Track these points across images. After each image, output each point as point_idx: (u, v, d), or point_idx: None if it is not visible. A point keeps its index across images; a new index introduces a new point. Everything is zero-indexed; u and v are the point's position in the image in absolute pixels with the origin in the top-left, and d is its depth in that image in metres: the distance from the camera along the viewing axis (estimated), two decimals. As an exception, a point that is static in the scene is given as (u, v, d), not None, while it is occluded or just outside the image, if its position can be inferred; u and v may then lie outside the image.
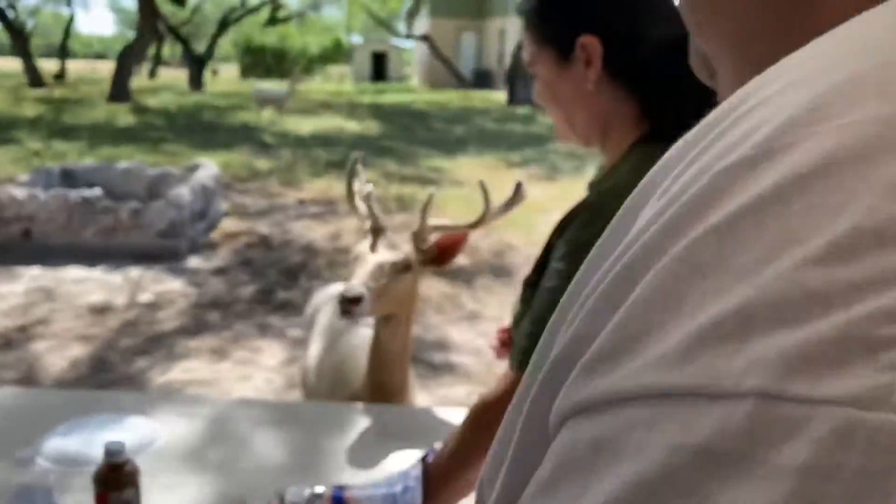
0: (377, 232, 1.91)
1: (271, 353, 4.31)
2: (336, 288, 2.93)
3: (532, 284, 1.13)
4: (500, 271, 5.96)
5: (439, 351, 4.42)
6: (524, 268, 6.29)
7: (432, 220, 1.89)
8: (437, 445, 1.21)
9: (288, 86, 13.62)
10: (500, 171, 10.66)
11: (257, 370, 4.09)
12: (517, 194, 1.94)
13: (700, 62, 0.43)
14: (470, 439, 1.13)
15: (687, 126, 1.10)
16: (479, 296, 5.42)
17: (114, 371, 4.01)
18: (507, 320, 1.45)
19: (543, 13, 1.12)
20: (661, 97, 1.09)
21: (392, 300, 1.81)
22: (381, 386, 1.90)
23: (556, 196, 8.97)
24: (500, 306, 5.22)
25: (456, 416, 1.78)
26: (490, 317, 5.05)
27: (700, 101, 1.04)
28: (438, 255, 1.90)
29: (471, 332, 4.79)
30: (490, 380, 4.07)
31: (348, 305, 1.71)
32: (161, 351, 4.27)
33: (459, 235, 1.90)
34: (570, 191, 9.33)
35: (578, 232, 1.04)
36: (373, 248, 1.87)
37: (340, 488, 1.13)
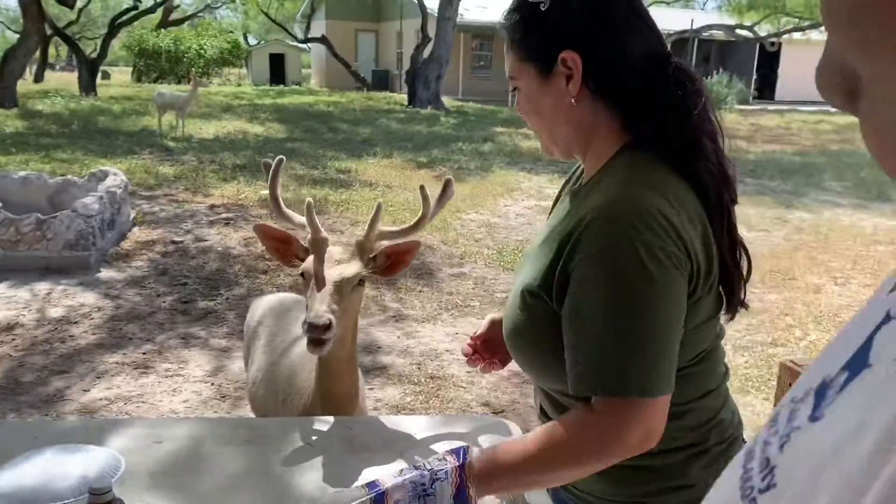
0: (319, 244, 1.77)
1: (197, 364, 4.22)
2: (275, 297, 2.91)
3: (534, 294, 1.14)
4: (420, 272, 6.01)
5: (368, 354, 4.43)
6: (443, 267, 6.33)
7: (378, 228, 1.86)
8: (481, 446, 1.21)
9: (189, 90, 13.18)
10: (409, 171, 10.72)
11: (185, 382, 4.00)
12: (446, 191, 1.96)
13: (837, 84, 0.39)
14: (536, 457, 1.10)
15: (668, 137, 1.19)
16: (401, 297, 5.46)
17: (29, 393, 3.83)
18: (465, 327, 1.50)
19: (526, 29, 1.15)
20: (641, 110, 1.14)
21: (350, 317, 1.77)
22: (332, 397, 1.87)
23: (466, 195, 9.10)
24: (422, 307, 5.28)
25: (415, 424, 1.80)
26: (414, 317, 5.10)
27: (679, 113, 1.13)
28: (391, 264, 1.89)
29: (396, 332, 4.82)
30: (423, 381, 4.12)
31: (319, 334, 1.61)
32: (79, 368, 4.11)
33: (412, 244, 1.88)
34: (480, 190, 9.50)
35: (601, 254, 1.04)
36: (319, 262, 1.74)
37: (372, 483, 1.13)
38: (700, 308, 1.13)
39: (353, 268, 1.77)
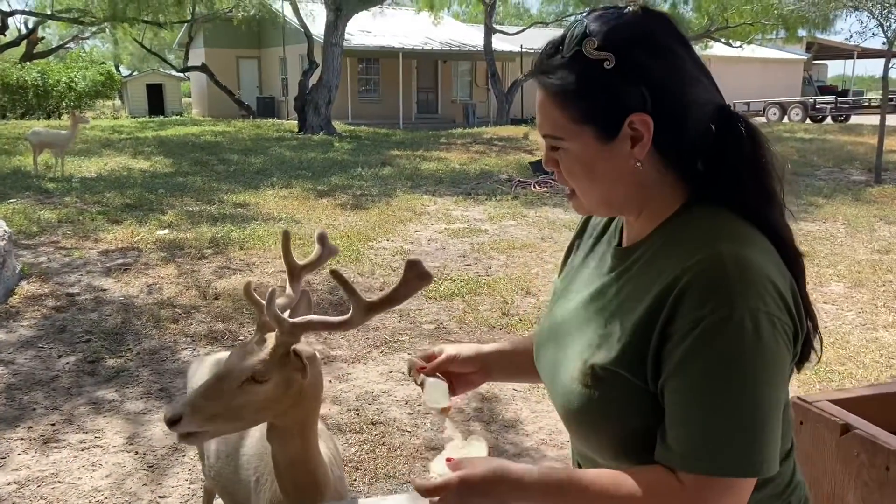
0: (259, 327, 1.62)
1: (115, 432, 3.84)
2: (216, 357, 2.65)
3: (609, 370, 1.05)
4: (340, 307, 5.77)
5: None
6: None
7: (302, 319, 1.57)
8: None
9: (69, 126, 12.39)
10: (311, 201, 10.45)
11: (104, 454, 3.62)
12: (325, 248, 1.81)
13: None
14: (593, 498, 1.03)
15: (744, 190, 1.09)
16: (325, 336, 5.20)
17: (-80, 482, 3.37)
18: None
19: (582, 87, 1.03)
20: (711, 164, 1.07)
21: (237, 416, 1.51)
22: (295, 490, 1.69)
23: (375, 223, 8.93)
24: (349, 346, 5.05)
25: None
26: (342, 358, 4.87)
27: (753, 165, 1.04)
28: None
29: (327, 377, 4.57)
30: (364, 427, 3.91)
31: (168, 427, 1.46)
32: (-24, 448, 3.66)
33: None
34: (388, 217, 9.34)
35: (713, 323, 0.94)
36: (240, 346, 1.59)
37: None
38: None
39: (245, 363, 1.53)
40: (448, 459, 1.13)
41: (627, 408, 1.04)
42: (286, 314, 1.58)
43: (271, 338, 1.56)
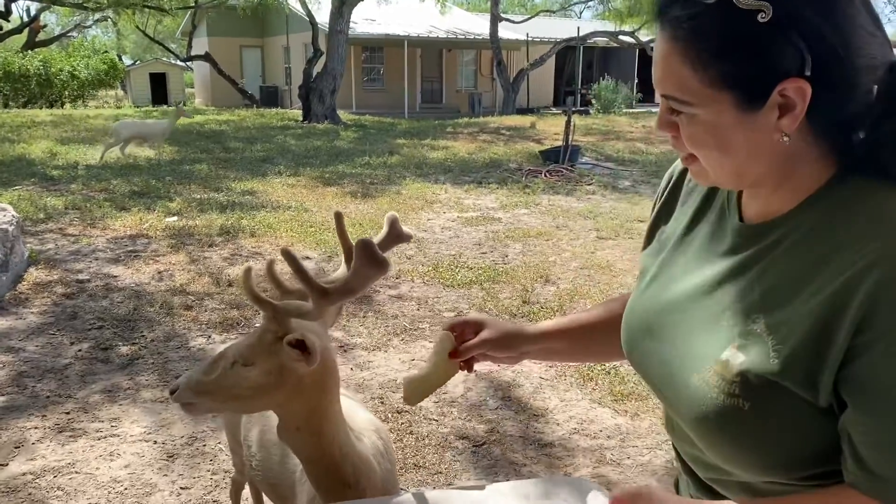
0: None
1: (132, 421, 3.71)
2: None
3: (767, 381, 0.87)
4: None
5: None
6: (380, 289, 6.01)
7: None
8: None
9: (170, 117, 12.42)
10: (319, 189, 10.29)
11: (122, 444, 3.49)
12: (392, 231, 1.58)
13: None
14: None
15: None
16: (344, 324, 5.07)
17: (-69, 471, 3.24)
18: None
19: (726, 44, 0.84)
20: (870, 134, 0.88)
21: (228, 398, 1.45)
22: (321, 486, 1.57)
23: (385, 211, 8.70)
24: (369, 334, 4.92)
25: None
26: (362, 346, 4.74)
27: None
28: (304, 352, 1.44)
29: (348, 364, 4.45)
30: (390, 416, 3.78)
31: (171, 397, 1.47)
32: (-11, 437, 3.53)
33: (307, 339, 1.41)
34: (399, 205, 9.19)
35: None
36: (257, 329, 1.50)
37: None
38: None
39: (238, 344, 1.46)
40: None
41: (788, 423, 0.87)
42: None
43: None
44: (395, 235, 1.58)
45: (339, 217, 1.58)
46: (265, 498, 2.45)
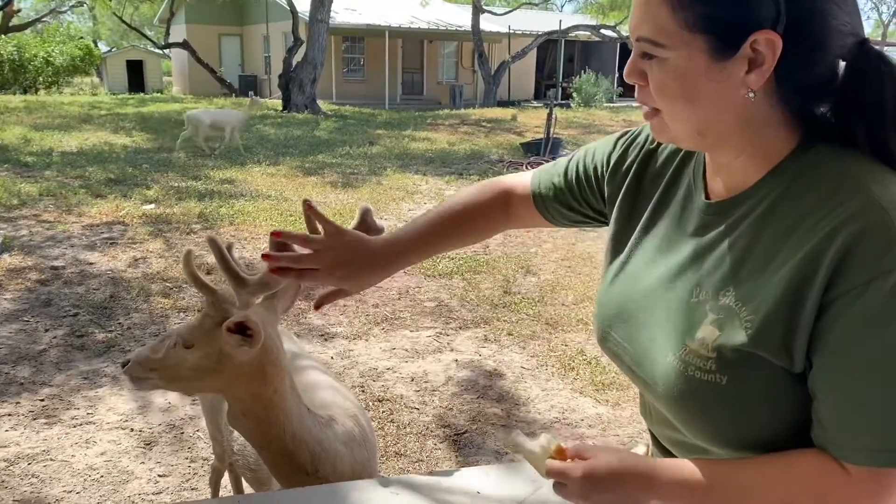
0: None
1: (108, 408, 3.65)
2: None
3: (741, 352, 0.86)
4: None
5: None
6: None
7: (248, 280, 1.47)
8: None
9: (245, 108, 12.37)
10: (299, 178, 10.21)
11: (98, 431, 3.43)
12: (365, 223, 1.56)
13: None
14: (745, 483, 0.89)
15: (883, 139, 0.85)
16: (324, 312, 5.03)
17: None
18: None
19: None
20: (834, 107, 0.89)
21: (170, 377, 1.49)
22: (279, 473, 1.59)
23: (366, 201, 8.71)
24: (349, 322, 4.89)
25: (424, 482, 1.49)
26: (343, 335, 4.70)
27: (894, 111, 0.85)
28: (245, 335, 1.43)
29: (329, 352, 4.42)
30: (371, 404, 3.75)
31: (123, 370, 1.52)
32: (-39, 424, 3.46)
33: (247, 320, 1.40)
34: (379, 195, 9.14)
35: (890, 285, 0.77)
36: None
37: None
38: None
39: (182, 326, 1.53)
40: (561, 450, 0.97)
41: (763, 393, 0.87)
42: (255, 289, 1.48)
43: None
44: (367, 227, 1.54)
45: (306, 204, 1.53)
46: (245, 484, 2.42)
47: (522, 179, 1.29)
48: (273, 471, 1.60)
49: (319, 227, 1.20)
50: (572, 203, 1.23)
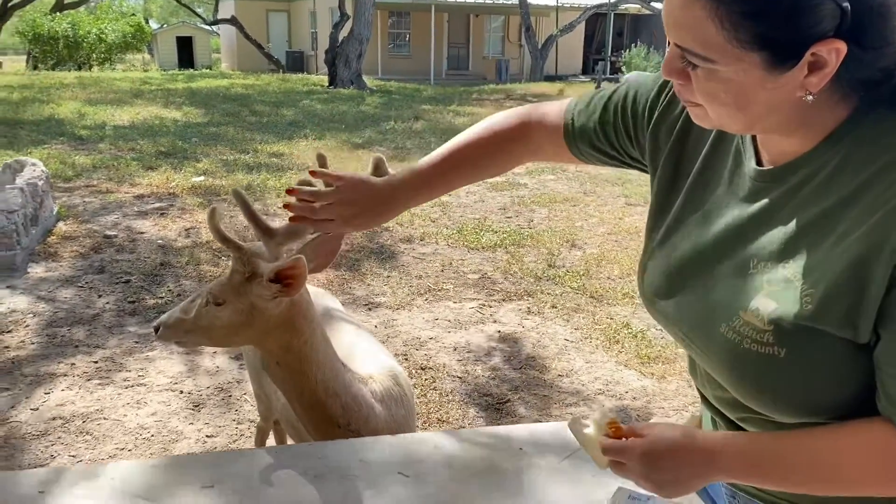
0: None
1: (159, 371, 3.75)
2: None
3: (803, 327, 0.83)
4: (381, 255, 5.64)
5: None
6: (405, 250, 5.98)
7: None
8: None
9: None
10: (345, 152, 10.26)
11: (148, 392, 3.53)
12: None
13: None
14: (809, 457, 0.88)
15: None
16: (368, 283, 5.07)
17: (-36, 415, 3.30)
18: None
19: (766, 7, 0.75)
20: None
21: (206, 335, 1.52)
22: (312, 424, 1.63)
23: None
24: (393, 293, 4.92)
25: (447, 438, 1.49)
26: (387, 304, 4.74)
27: None
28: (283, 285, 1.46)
29: (372, 321, 4.45)
30: (414, 372, 3.78)
31: (156, 335, 1.57)
32: (18, 383, 3.58)
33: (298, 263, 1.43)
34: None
35: None
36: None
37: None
38: None
39: (209, 287, 1.54)
40: (617, 426, 0.95)
41: (824, 365, 0.83)
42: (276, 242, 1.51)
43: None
44: (381, 177, 1.54)
45: (319, 158, 1.53)
46: (290, 442, 2.46)
47: (554, 112, 1.25)
48: (305, 423, 1.64)
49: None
50: (607, 150, 1.20)
